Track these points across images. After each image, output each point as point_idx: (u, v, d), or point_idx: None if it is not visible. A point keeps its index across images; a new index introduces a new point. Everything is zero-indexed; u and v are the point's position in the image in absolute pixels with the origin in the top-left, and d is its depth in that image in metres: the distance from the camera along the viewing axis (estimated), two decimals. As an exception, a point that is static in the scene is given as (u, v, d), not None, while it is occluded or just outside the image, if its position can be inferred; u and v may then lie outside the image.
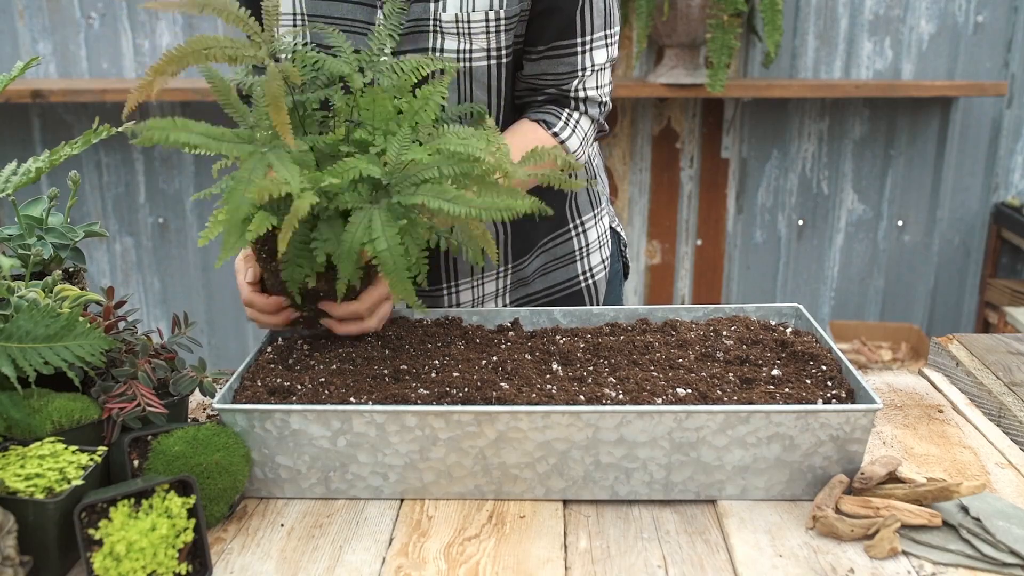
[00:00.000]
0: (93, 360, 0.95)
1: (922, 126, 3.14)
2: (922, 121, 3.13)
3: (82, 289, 1.14)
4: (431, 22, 1.21)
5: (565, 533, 0.95)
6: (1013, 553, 0.88)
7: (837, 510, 0.95)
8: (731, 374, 1.07)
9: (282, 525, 0.98)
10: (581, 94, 1.31)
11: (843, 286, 3.31)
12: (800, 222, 3.25)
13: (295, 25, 1.26)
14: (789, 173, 3.20)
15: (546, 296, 1.46)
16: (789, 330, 1.20)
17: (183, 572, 0.86)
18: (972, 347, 1.34)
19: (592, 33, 1.27)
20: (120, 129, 1.06)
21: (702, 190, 3.23)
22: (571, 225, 1.44)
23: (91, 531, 0.83)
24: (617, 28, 1.32)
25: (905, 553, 0.90)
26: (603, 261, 1.49)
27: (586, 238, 1.46)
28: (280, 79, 0.98)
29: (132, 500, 0.86)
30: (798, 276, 3.31)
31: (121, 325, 1.07)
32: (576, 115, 1.32)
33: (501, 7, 1.21)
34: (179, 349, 1.10)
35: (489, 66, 1.24)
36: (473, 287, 1.40)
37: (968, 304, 3.33)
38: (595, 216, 1.48)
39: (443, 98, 1.10)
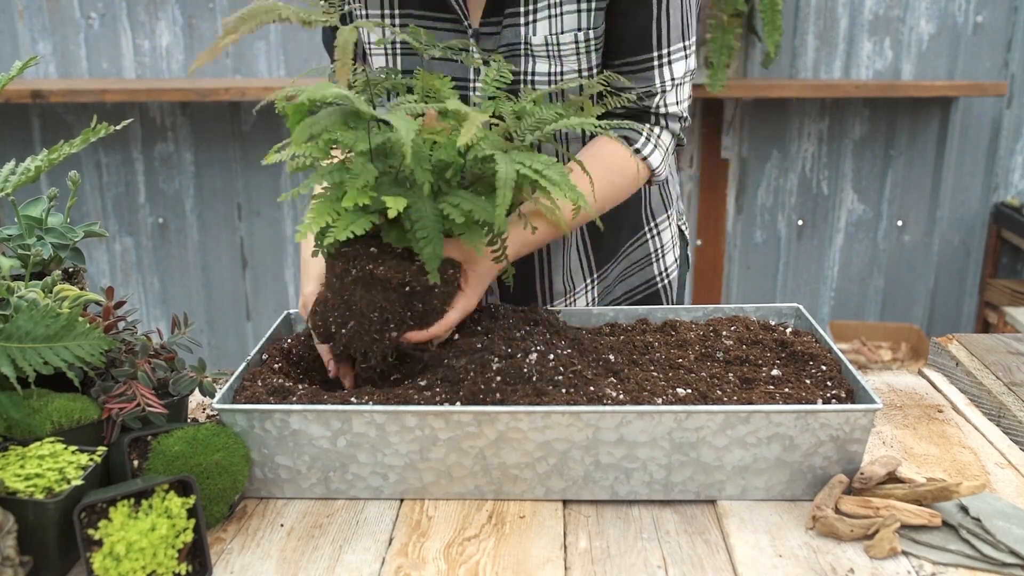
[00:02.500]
0: (93, 360, 0.95)
1: (922, 126, 3.13)
2: (922, 121, 3.13)
3: (82, 289, 1.14)
4: (522, 46, 1.20)
5: (565, 533, 0.95)
6: (1013, 553, 0.88)
7: (837, 510, 0.95)
8: (731, 374, 1.07)
9: (282, 525, 0.98)
10: (662, 110, 1.25)
11: (843, 286, 3.31)
12: (800, 222, 3.25)
13: (387, 55, 1.25)
14: (789, 173, 3.20)
15: (627, 300, 1.46)
16: (789, 330, 1.20)
17: (183, 572, 0.86)
18: (972, 347, 1.34)
19: (670, 45, 1.22)
20: (269, 99, 0.98)
21: (702, 190, 3.23)
22: (647, 228, 1.44)
23: (91, 531, 0.83)
24: (694, 38, 1.25)
25: (905, 553, 0.90)
26: (676, 260, 1.49)
27: (661, 239, 1.45)
28: (354, 32, 0.94)
29: (132, 500, 0.86)
30: (798, 276, 3.31)
31: (121, 325, 1.07)
32: (657, 130, 1.26)
33: (590, 27, 1.19)
34: (179, 349, 1.10)
35: (581, 87, 1.22)
36: (566, 303, 1.39)
37: (968, 304, 3.33)
38: (668, 217, 1.46)
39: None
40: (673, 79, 1.24)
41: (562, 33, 1.18)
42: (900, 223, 3.23)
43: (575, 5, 1.18)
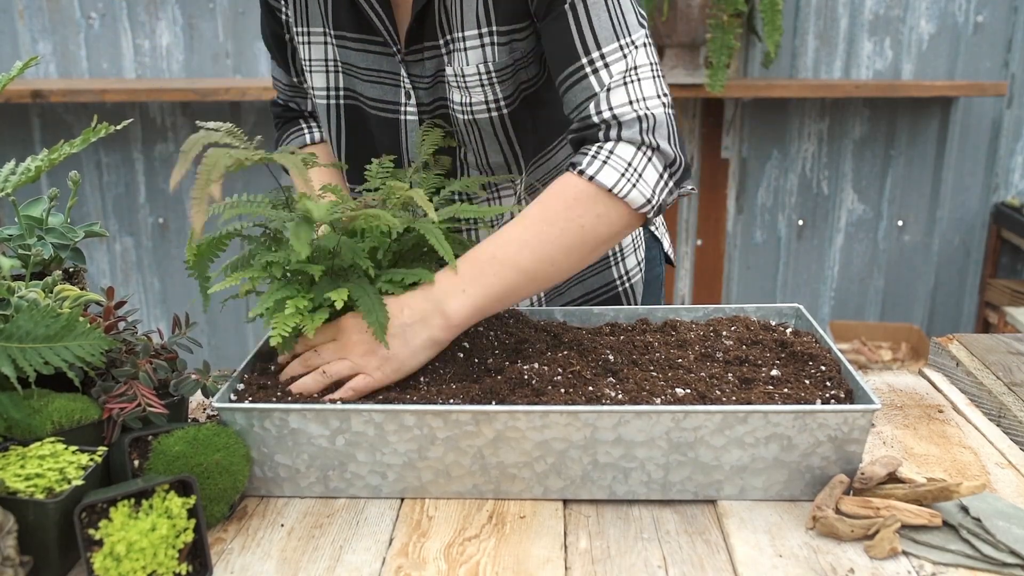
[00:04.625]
0: (93, 360, 0.95)
1: (922, 126, 3.14)
2: (922, 121, 3.13)
3: (82, 289, 1.14)
4: (444, 75, 1.25)
5: (565, 533, 0.95)
6: (1013, 553, 0.88)
7: (837, 510, 0.95)
8: (730, 374, 1.07)
9: (282, 525, 0.98)
10: (605, 115, 1.11)
11: (843, 286, 3.32)
12: (800, 222, 3.25)
13: (328, 72, 1.30)
14: (789, 173, 3.20)
15: (583, 302, 1.47)
16: (789, 330, 1.20)
17: (183, 572, 0.86)
18: (972, 347, 1.34)
19: (600, 48, 1.12)
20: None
21: (702, 190, 3.23)
22: None
23: (91, 531, 0.83)
24: (639, 32, 1.14)
25: (905, 553, 0.90)
26: (639, 264, 1.49)
27: (620, 243, 1.46)
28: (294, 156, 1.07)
29: (132, 500, 0.86)
30: (798, 276, 3.31)
31: (121, 325, 1.07)
32: (609, 145, 1.11)
33: (492, 61, 1.21)
34: (179, 349, 1.10)
35: (491, 118, 1.25)
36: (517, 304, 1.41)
37: (968, 304, 3.33)
38: None
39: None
40: (612, 79, 1.12)
41: (467, 65, 1.22)
42: (900, 223, 3.24)
43: (477, 40, 1.21)
